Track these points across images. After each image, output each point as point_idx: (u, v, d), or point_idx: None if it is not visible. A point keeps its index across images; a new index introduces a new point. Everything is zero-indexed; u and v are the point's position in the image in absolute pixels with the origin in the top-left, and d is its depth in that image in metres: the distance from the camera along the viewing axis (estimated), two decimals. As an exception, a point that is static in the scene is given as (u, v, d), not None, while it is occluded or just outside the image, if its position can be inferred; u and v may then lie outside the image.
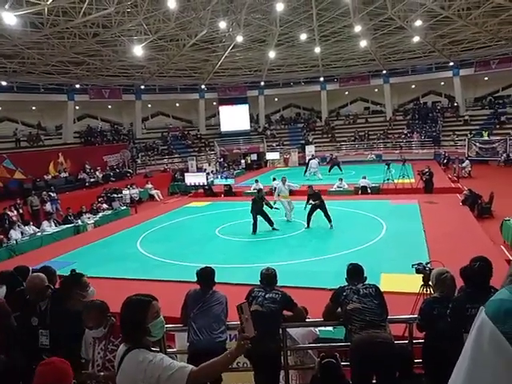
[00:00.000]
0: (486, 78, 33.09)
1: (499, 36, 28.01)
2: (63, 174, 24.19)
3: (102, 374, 3.23)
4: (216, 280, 4.64)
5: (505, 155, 26.88)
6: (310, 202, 13.06)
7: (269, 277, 4.42)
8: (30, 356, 3.54)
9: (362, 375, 3.88)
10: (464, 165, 23.85)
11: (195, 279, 4.60)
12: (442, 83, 35.04)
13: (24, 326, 3.87)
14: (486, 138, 28.47)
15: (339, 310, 4.19)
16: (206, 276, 4.52)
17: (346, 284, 4.26)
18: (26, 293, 4.06)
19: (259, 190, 14.08)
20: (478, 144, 28.31)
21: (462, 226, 12.20)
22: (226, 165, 32.01)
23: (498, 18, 25.10)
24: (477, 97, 34.65)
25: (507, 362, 0.74)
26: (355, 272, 4.30)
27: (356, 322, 3.91)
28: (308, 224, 13.14)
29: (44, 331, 3.76)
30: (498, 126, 29.97)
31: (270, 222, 13.18)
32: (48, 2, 17.74)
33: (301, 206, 13.59)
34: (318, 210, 12.95)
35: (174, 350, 4.92)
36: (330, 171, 25.13)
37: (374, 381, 3.94)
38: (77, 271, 4.36)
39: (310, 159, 25.91)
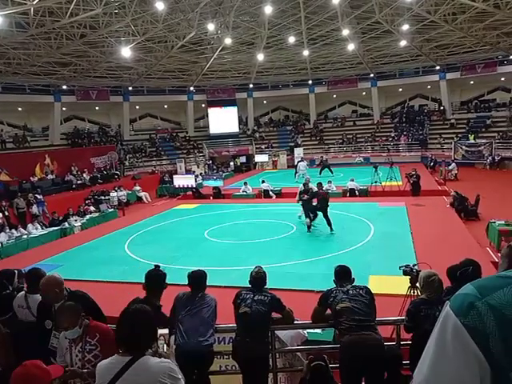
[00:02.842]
0: (472, 82, 33.58)
1: (484, 41, 28.45)
2: (50, 176, 23.90)
3: (85, 370, 3.21)
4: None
5: (490, 158, 27.28)
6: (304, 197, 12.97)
7: (258, 279, 4.41)
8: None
9: (351, 377, 3.90)
10: (450, 167, 24.13)
11: (184, 282, 4.57)
12: (429, 87, 35.48)
13: (22, 328, 3.81)
14: (472, 141, 28.87)
15: (328, 312, 4.19)
16: (197, 279, 4.50)
17: (334, 286, 4.27)
18: (40, 294, 3.98)
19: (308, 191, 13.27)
20: (464, 147, 28.70)
21: (449, 228, 12.34)
22: (214, 167, 31.94)
23: (483, 23, 25.51)
24: (463, 100, 35.15)
25: (468, 354, 0.79)
26: (343, 273, 4.31)
27: (346, 323, 3.92)
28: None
29: (57, 333, 3.71)
30: (483, 130, 30.41)
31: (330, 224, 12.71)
32: (34, 2, 17.54)
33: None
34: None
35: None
36: (320, 173, 25.20)
37: (363, 383, 3.96)
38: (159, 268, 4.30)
39: (298, 161, 25.98)
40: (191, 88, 36.26)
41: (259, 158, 33.82)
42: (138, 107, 36.67)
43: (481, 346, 0.78)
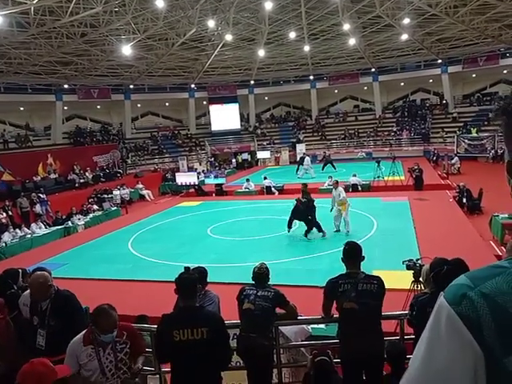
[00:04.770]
0: (474, 75, 33.37)
1: (486, 33, 28.28)
2: (52, 175, 23.97)
3: (137, 366, 3.39)
4: (208, 279, 4.63)
5: (493, 151, 27.14)
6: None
7: (261, 275, 4.38)
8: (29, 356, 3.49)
9: (352, 374, 3.92)
10: (453, 161, 24.05)
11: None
12: (431, 80, 35.29)
13: (25, 326, 3.83)
14: (475, 134, 28.75)
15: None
16: (198, 276, 4.50)
17: (340, 274, 4.08)
18: (30, 291, 4.00)
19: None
20: (466, 141, 28.57)
21: (452, 222, 12.33)
22: (216, 164, 31.95)
23: (485, 15, 25.35)
24: (465, 94, 34.95)
25: (461, 342, 0.81)
26: (352, 252, 4.08)
27: (350, 325, 3.89)
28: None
29: (42, 331, 3.71)
30: (486, 123, 30.26)
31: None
32: (34, 2, 17.54)
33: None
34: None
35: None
36: (323, 169, 25.14)
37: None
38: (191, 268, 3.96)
39: (301, 157, 25.85)
40: (192, 85, 36.20)
41: (261, 155, 33.77)
42: (139, 105, 36.66)
43: (474, 334, 0.79)
